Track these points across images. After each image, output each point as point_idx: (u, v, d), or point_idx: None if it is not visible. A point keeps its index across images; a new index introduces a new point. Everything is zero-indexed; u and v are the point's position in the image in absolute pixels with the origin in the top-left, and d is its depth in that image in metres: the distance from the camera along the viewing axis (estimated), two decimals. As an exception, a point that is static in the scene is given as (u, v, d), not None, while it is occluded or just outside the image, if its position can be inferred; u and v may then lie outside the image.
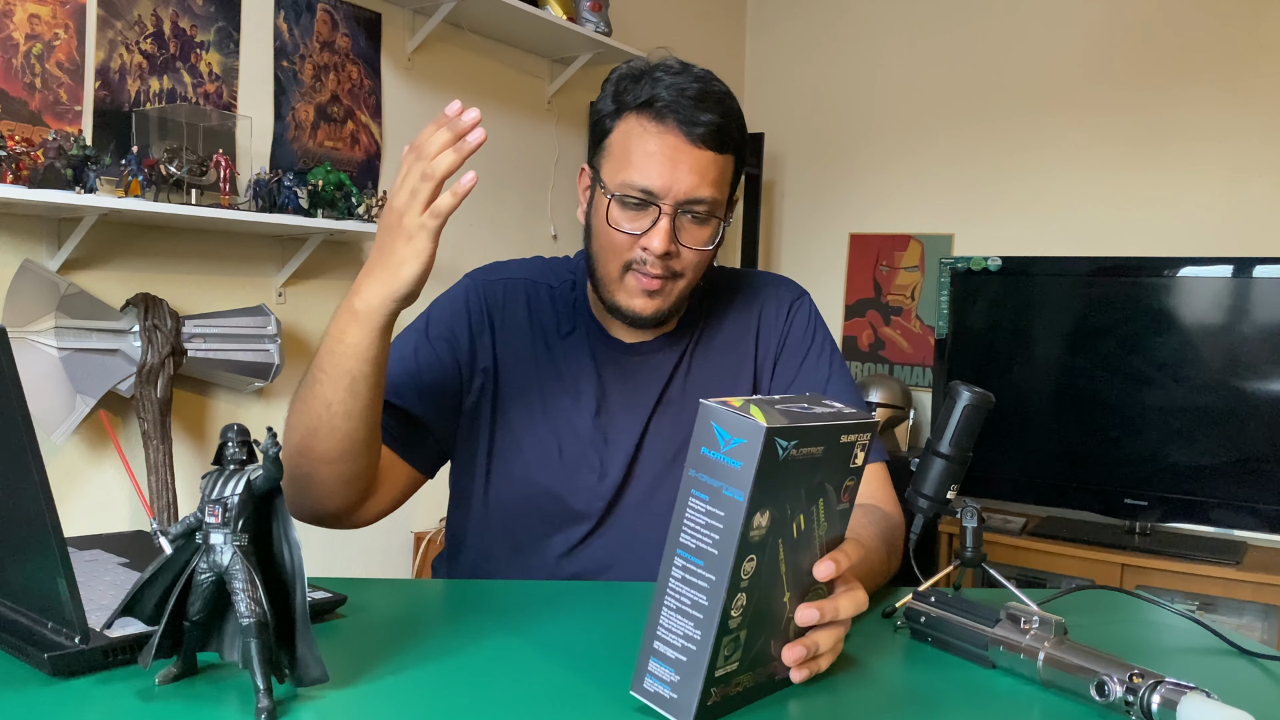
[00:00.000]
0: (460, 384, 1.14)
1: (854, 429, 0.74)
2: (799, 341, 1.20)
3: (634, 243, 1.06)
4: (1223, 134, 2.96)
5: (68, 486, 1.90)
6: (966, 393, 0.95)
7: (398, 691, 0.73)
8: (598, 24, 2.78)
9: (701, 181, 1.04)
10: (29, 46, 1.79)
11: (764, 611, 0.72)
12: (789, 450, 0.68)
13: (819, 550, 0.76)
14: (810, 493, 0.73)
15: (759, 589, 0.70)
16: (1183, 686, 0.69)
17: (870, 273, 3.59)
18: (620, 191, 1.05)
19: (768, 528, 0.69)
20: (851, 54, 3.61)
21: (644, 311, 1.09)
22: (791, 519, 0.71)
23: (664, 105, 1.03)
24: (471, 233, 2.76)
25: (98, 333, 1.86)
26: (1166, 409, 2.71)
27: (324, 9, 2.32)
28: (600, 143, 1.10)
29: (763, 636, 0.73)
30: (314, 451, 0.97)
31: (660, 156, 1.03)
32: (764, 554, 0.70)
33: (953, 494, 0.96)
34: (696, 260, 1.08)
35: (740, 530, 0.67)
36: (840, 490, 0.76)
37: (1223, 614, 2.56)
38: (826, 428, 0.71)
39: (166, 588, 0.70)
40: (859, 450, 0.75)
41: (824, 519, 0.75)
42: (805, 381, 1.18)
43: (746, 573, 0.69)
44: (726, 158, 1.07)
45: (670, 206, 1.03)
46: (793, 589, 0.74)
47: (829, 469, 0.73)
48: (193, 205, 1.88)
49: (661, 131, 1.04)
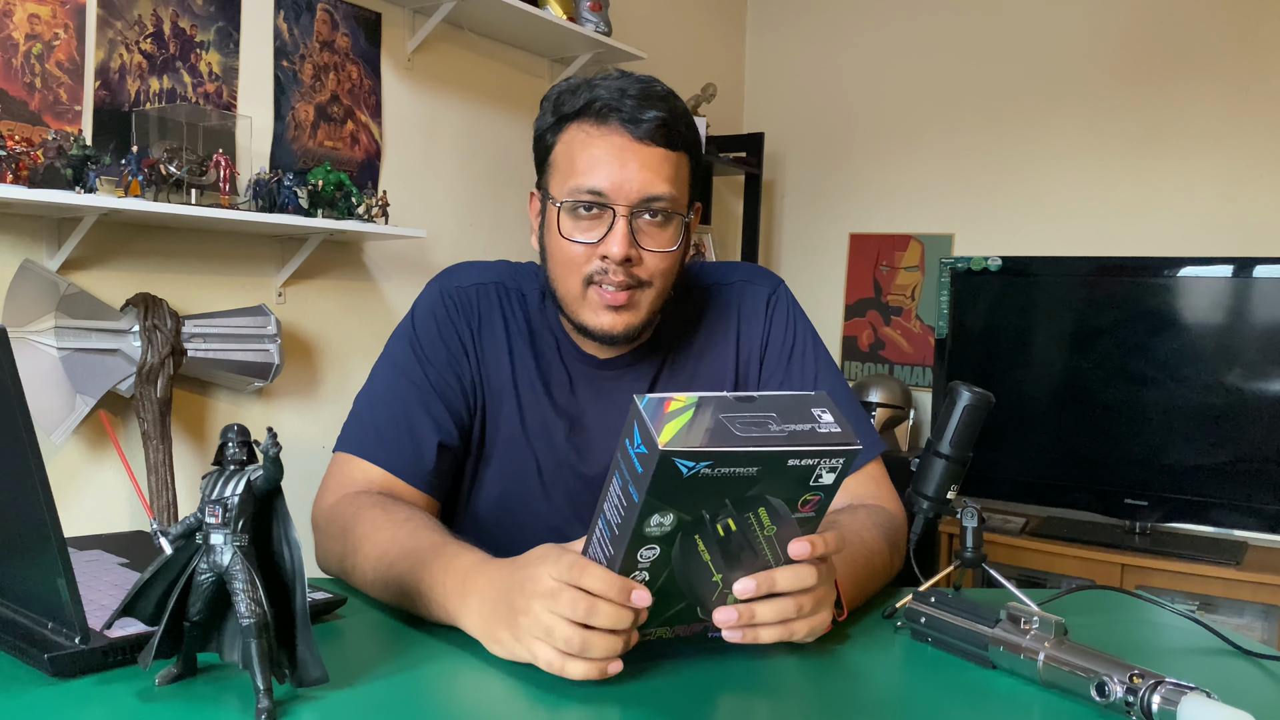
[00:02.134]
0: (470, 407, 1.12)
1: (811, 454, 0.70)
2: (781, 340, 1.17)
3: (591, 253, 1.01)
4: (1223, 134, 2.96)
5: (68, 486, 1.90)
6: (966, 393, 0.95)
7: (398, 691, 0.73)
8: (598, 24, 2.78)
9: (655, 178, 1.00)
10: (29, 46, 1.79)
11: (680, 589, 0.76)
12: (697, 469, 0.67)
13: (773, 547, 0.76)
14: (742, 503, 0.72)
15: (664, 569, 0.74)
16: (1183, 687, 0.69)
17: (870, 273, 3.59)
18: (570, 199, 1.01)
19: (672, 526, 0.71)
20: (851, 54, 3.61)
21: (613, 329, 1.05)
22: (715, 521, 0.72)
23: (603, 106, 0.99)
24: (472, 233, 2.76)
25: (98, 333, 1.86)
26: (1166, 409, 2.71)
27: (324, 9, 2.32)
28: (544, 161, 1.06)
29: (680, 604, 0.78)
30: (350, 579, 0.98)
31: (607, 157, 0.99)
32: (671, 545, 0.73)
33: (953, 494, 0.96)
34: (662, 265, 1.03)
35: (634, 525, 0.70)
36: (798, 503, 0.74)
37: (1223, 614, 2.56)
38: (757, 453, 0.68)
39: (166, 588, 0.70)
40: (823, 471, 0.72)
41: (770, 523, 0.74)
42: (793, 378, 1.16)
43: (645, 558, 0.73)
44: (679, 155, 1.02)
45: (625, 208, 0.99)
46: (728, 571, 0.76)
47: (771, 486, 0.71)
48: (193, 205, 1.88)
49: (605, 133, 1.00)
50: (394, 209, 2.35)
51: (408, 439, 1.07)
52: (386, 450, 1.06)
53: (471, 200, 2.76)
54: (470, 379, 1.11)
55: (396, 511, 0.96)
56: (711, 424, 0.68)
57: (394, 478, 1.05)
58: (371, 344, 2.48)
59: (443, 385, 1.10)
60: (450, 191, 2.69)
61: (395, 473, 1.05)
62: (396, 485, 1.05)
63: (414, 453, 1.06)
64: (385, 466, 1.05)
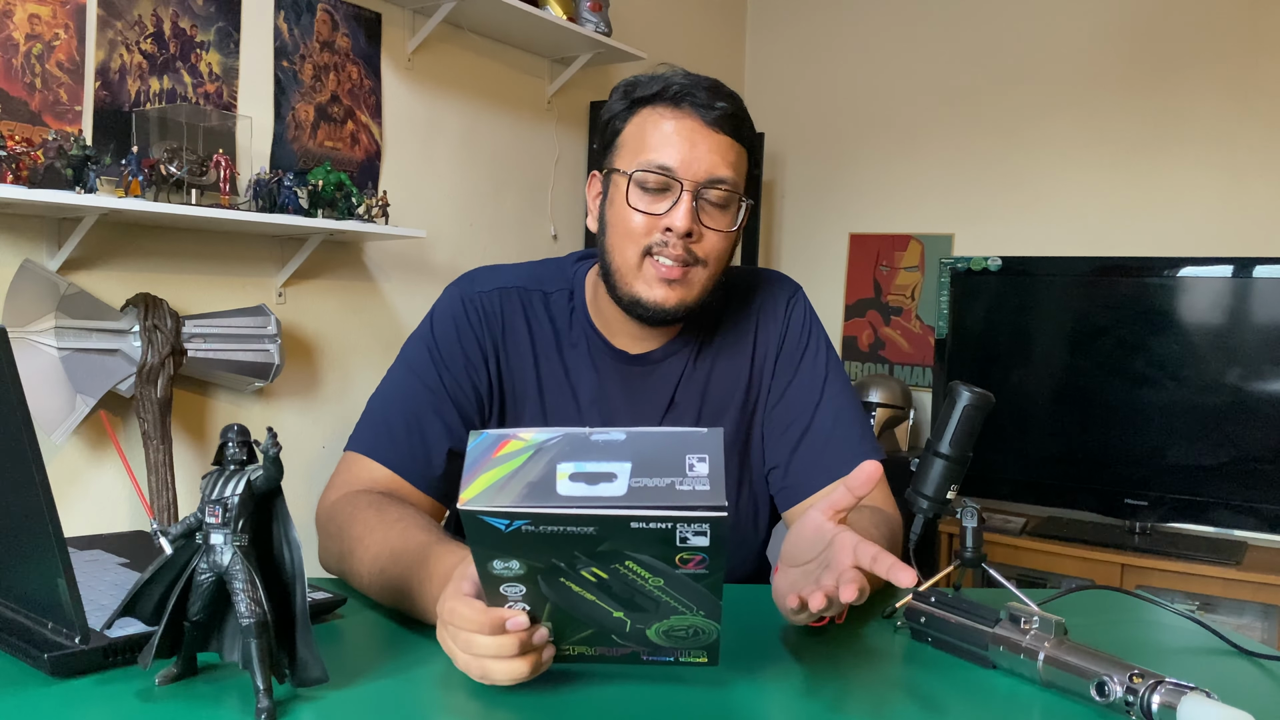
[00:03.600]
0: (484, 414, 1.13)
1: (658, 518, 0.59)
2: (796, 341, 1.19)
3: (654, 225, 1.04)
4: (1223, 134, 2.96)
5: (68, 486, 1.90)
6: (966, 393, 0.95)
7: (398, 691, 0.73)
8: (598, 24, 2.78)
9: (721, 162, 1.04)
10: (29, 46, 1.79)
11: (578, 619, 0.70)
12: (515, 526, 0.60)
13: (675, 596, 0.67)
14: (600, 557, 0.63)
15: (543, 604, 0.68)
16: (1183, 687, 0.69)
17: (870, 273, 3.59)
18: (640, 170, 1.04)
19: (525, 570, 0.65)
20: (851, 54, 3.61)
21: (665, 303, 1.05)
22: (574, 568, 0.65)
23: (678, 91, 1.04)
24: (471, 233, 2.76)
25: (98, 333, 1.86)
26: (1166, 409, 2.71)
27: (324, 9, 2.32)
28: (613, 142, 1.09)
29: (588, 629, 0.71)
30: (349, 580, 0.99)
31: (678, 137, 1.03)
32: (535, 585, 0.66)
33: (953, 494, 0.96)
34: (719, 245, 1.06)
35: (481, 569, 0.66)
36: (674, 559, 0.63)
37: (1223, 614, 2.56)
38: (582, 515, 0.60)
39: (166, 588, 0.70)
40: (689, 534, 0.61)
41: (650, 574, 0.65)
42: (803, 380, 1.17)
43: (513, 594, 0.68)
44: (741, 148, 1.07)
45: (691, 185, 1.03)
46: (628, 610, 0.69)
47: (624, 544, 0.62)
48: (193, 205, 1.88)
49: (679, 115, 1.04)
50: (394, 209, 2.35)
51: (418, 442, 1.07)
52: (396, 451, 1.06)
53: (471, 200, 2.76)
54: (488, 385, 1.11)
55: (390, 511, 0.96)
56: (537, 476, 0.61)
57: (400, 479, 1.05)
58: (372, 344, 2.48)
59: (457, 390, 1.10)
60: (450, 191, 2.69)
61: (402, 474, 1.06)
62: (402, 487, 1.05)
63: (423, 456, 1.07)
64: (392, 468, 1.06)
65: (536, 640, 0.71)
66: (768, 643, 0.87)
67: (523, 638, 0.70)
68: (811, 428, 1.15)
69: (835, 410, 1.16)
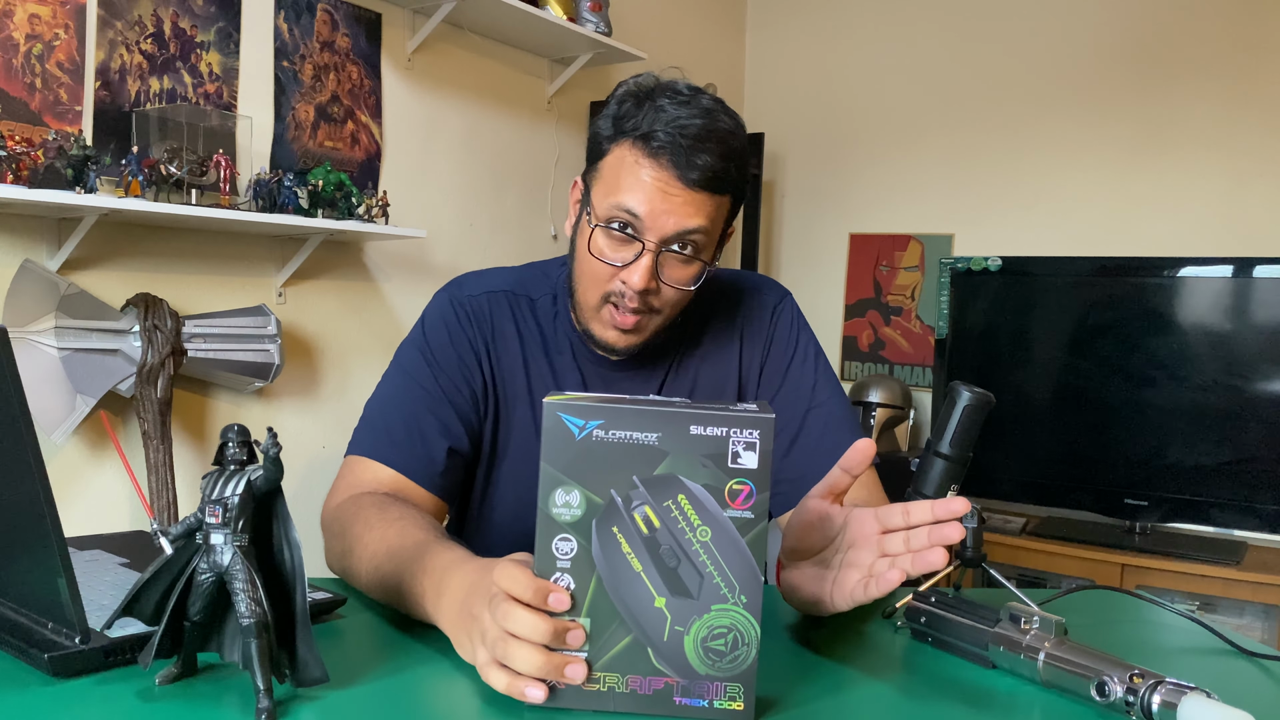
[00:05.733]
0: (479, 414, 1.14)
1: (717, 420, 0.67)
2: (784, 347, 1.19)
3: (614, 274, 1.03)
4: (1223, 134, 2.96)
5: (68, 486, 1.90)
6: (966, 393, 0.95)
7: (398, 691, 0.73)
8: (598, 24, 2.78)
9: (692, 216, 1.01)
10: (29, 46, 1.79)
11: (617, 607, 0.70)
12: (590, 430, 0.68)
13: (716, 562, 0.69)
14: (656, 485, 0.68)
15: (589, 574, 0.69)
16: (1183, 687, 0.69)
17: (870, 273, 3.59)
18: (607, 216, 1.02)
19: (582, 509, 0.69)
20: (851, 54, 3.61)
21: (616, 344, 1.08)
22: (629, 509, 0.69)
23: (660, 145, 0.99)
24: (472, 233, 2.76)
25: (98, 333, 1.86)
26: (1166, 409, 2.71)
27: (324, 9, 2.32)
28: (595, 161, 1.07)
29: (625, 636, 0.70)
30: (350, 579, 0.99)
31: (651, 188, 1.00)
32: (587, 538, 0.69)
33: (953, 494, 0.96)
34: (676, 298, 1.06)
35: (541, 505, 0.69)
36: (724, 494, 0.68)
37: (1223, 614, 2.56)
38: (653, 414, 0.67)
39: (167, 588, 0.70)
40: (739, 448, 0.68)
41: (700, 521, 0.69)
42: (792, 386, 1.18)
43: (563, 552, 0.70)
44: (721, 199, 1.03)
45: (654, 243, 1.01)
46: (671, 595, 0.70)
47: (681, 462, 0.68)
48: (193, 205, 1.88)
49: (655, 167, 1.00)
50: (394, 209, 2.35)
51: (419, 441, 1.07)
52: (397, 452, 1.07)
53: (471, 200, 2.76)
54: (482, 386, 1.13)
55: (390, 510, 0.97)
56: (603, 399, 0.70)
57: (405, 479, 1.06)
58: (372, 344, 2.48)
59: (452, 391, 1.11)
60: (450, 191, 2.69)
61: (406, 474, 1.06)
62: (407, 487, 1.06)
63: (424, 454, 1.07)
64: (396, 468, 1.06)
65: (571, 640, 0.69)
66: (767, 643, 0.87)
67: (560, 625, 0.69)
68: (802, 433, 1.15)
69: (826, 415, 1.16)
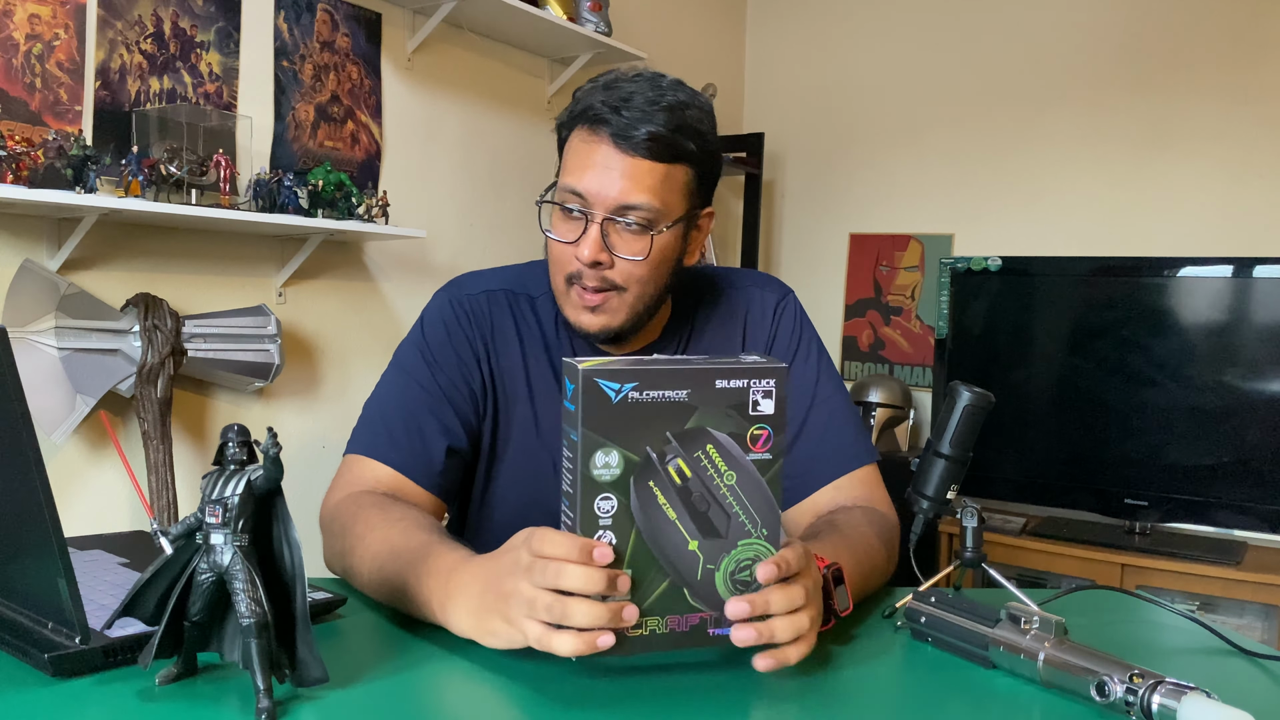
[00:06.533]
0: (479, 413, 1.13)
1: (738, 372, 0.73)
2: (786, 344, 1.19)
3: (571, 253, 1.04)
4: (1223, 134, 2.96)
5: (68, 486, 1.90)
6: (966, 393, 0.95)
7: (398, 691, 0.73)
8: (598, 24, 2.78)
9: (635, 188, 1.01)
10: (29, 46, 1.79)
11: (655, 558, 0.74)
12: (625, 393, 0.71)
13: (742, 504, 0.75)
14: (686, 439, 0.73)
15: (629, 528, 0.73)
16: (1183, 687, 0.69)
17: (870, 273, 3.59)
18: (560, 198, 1.04)
19: (620, 468, 0.72)
20: (851, 53, 3.61)
21: (590, 328, 1.07)
22: (663, 463, 0.73)
23: (596, 115, 1.01)
24: (472, 233, 2.76)
25: (98, 333, 1.86)
26: (1166, 409, 2.71)
27: (324, 9, 2.32)
28: (560, 153, 1.09)
29: (663, 581, 0.75)
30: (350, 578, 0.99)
31: (591, 162, 1.01)
32: (626, 495, 0.73)
33: (953, 494, 0.97)
34: (636, 272, 1.04)
35: (582, 470, 0.71)
36: (746, 439, 0.75)
37: (1223, 614, 2.56)
38: (681, 371, 0.72)
39: (167, 588, 0.70)
40: (759, 396, 0.75)
41: (726, 467, 0.75)
42: (794, 383, 1.17)
43: (603, 510, 0.73)
44: (672, 167, 1.03)
45: (599, 214, 1.02)
46: (703, 538, 0.75)
47: (708, 415, 0.73)
48: (193, 205, 1.88)
49: (596, 141, 1.01)
50: (394, 209, 2.35)
51: (418, 440, 1.07)
52: (396, 451, 1.07)
53: (471, 200, 2.76)
54: (481, 385, 1.13)
55: (392, 511, 0.97)
56: (634, 363, 0.73)
57: (403, 478, 1.06)
58: (372, 344, 2.48)
59: (451, 390, 1.10)
60: (450, 191, 2.69)
61: (405, 473, 1.06)
62: (405, 486, 1.06)
63: (423, 454, 1.07)
64: (395, 466, 1.06)
65: (620, 587, 0.72)
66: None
67: (610, 573, 0.71)
68: (805, 430, 1.15)
69: (829, 412, 1.16)
